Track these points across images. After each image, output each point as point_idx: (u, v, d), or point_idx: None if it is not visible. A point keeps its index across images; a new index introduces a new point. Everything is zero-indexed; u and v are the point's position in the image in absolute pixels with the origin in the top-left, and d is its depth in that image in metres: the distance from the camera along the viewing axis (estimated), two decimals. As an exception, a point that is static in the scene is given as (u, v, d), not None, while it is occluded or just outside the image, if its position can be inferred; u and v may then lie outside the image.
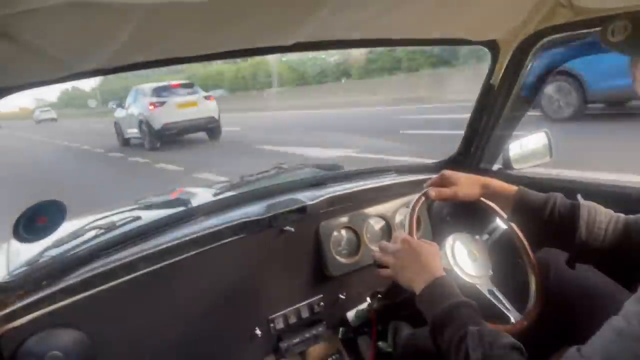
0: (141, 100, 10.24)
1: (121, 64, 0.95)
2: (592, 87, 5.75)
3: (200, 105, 10.06)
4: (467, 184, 1.06)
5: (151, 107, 9.82)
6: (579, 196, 0.99)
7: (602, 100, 6.19)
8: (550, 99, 6.13)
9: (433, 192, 1.06)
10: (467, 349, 0.71)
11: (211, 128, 10.28)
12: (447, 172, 1.08)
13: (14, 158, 12.07)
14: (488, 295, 0.99)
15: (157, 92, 10.19)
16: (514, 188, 1.04)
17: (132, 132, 10.71)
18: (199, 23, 0.82)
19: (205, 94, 10.72)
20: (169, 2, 0.69)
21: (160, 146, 9.82)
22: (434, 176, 1.10)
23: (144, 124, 10.00)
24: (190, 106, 9.82)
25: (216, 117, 10.30)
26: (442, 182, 1.07)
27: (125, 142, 11.31)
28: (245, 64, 23.62)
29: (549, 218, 0.97)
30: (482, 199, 1.08)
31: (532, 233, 1.04)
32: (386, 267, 0.94)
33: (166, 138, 9.96)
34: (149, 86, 10.66)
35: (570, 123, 5.89)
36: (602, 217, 0.93)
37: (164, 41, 0.88)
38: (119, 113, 11.56)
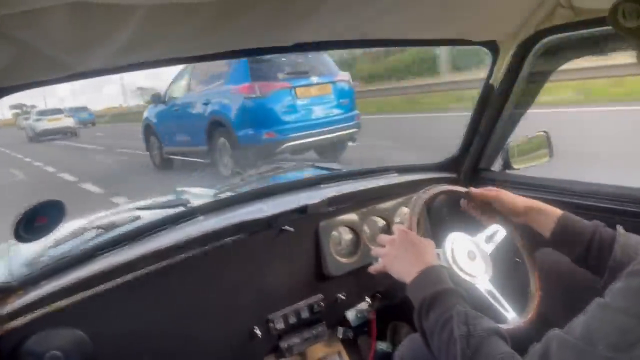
0: (32, 117, 19.89)
1: (121, 64, 0.95)
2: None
3: (62, 120, 19.27)
4: (510, 194, 1.08)
5: (35, 121, 19.34)
6: (619, 227, 0.97)
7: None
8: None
9: (475, 190, 1.10)
10: (452, 328, 0.71)
11: (69, 132, 19.40)
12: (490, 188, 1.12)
13: None
14: (486, 295, 0.99)
15: (40, 113, 19.74)
16: (558, 210, 1.03)
17: (30, 134, 19.73)
18: (199, 23, 0.82)
19: (68, 113, 20.06)
20: (169, 2, 0.69)
21: (41, 141, 18.30)
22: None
23: (32, 130, 19.42)
24: (56, 121, 19.00)
25: (72, 126, 19.47)
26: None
27: (30, 140, 19.63)
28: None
29: (588, 246, 0.96)
30: (524, 213, 1.08)
31: (568, 256, 1.03)
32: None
33: (43, 138, 18.39)
34: (37, 109, 20.69)
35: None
36: (638, 245, 0.92)
37: (164, 41, 0.88)
38: (24, 122, 21.47)
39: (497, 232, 1.11)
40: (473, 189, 1.10)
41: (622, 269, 0.91)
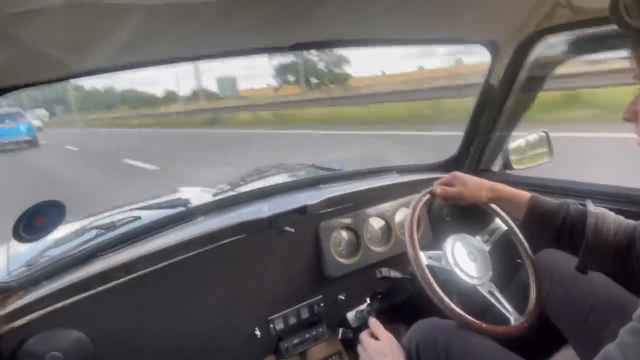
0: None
1: (121, 64, 0.95)
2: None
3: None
4: (474, 186, 1.07)
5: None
6: (588, 202, 0.98)
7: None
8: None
9: (439, 189, 1.07)
10: None
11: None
12: (457, 173, 1.10)
13: None
14: (488, 296, 0.99)
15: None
16: (526, 194, 1.03)
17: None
18: (199, 23, 0.82)
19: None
20: (169, 2, 0.69)
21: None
22: (440, 176, 1.11)
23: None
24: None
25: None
26: (450, 183, 1.09)
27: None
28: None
29: (560, 225, 0.96)
30: (489, 203, 1.08)
31: (542, 239, 1.03)
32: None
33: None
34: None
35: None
36: (610, 224, 0.93)
37: (164, 41, 0.88)
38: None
39: (498, 232, 1.11)
40: (437, 190, 1.08)
41: (596, 256, 0.92)
